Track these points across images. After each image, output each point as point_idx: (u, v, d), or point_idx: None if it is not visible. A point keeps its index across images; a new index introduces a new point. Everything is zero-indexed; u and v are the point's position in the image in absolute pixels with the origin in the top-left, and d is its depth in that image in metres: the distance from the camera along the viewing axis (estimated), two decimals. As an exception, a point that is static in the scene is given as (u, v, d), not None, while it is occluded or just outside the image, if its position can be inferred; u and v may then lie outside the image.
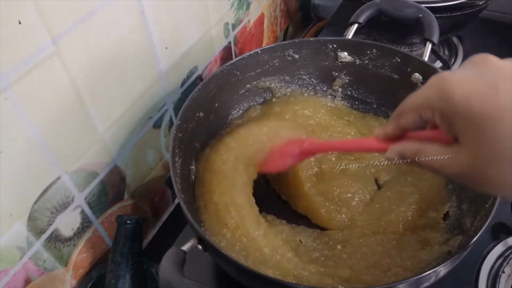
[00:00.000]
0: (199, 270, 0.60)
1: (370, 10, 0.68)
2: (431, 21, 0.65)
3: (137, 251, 0.54)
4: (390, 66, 0.64)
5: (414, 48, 0.83)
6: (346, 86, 0.69)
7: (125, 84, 0.54)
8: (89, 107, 0.49)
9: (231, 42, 0.76)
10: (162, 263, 0.41)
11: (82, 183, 0.52)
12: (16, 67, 0.39)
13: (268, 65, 0.65)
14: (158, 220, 0.71)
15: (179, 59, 0.62)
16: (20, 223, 0.45)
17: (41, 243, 0.49)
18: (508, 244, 0.59)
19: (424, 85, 0.34)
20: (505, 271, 0.56)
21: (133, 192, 0.63)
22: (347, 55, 0.65)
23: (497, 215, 0.44)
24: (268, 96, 0.69)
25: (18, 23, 0.38)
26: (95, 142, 0.52)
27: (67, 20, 0.42)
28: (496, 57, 0.32)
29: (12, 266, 0.46)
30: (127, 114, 0.56)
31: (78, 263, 0.56)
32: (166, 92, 0.62)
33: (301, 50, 0.65)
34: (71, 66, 0.45)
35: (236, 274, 0.45)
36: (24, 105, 0.41)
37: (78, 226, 0.54)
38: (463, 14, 0.74)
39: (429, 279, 0.43)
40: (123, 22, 0.49)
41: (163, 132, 0.65)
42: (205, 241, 0.44)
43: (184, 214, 0.47)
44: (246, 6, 0.76)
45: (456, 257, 0.43)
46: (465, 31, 0.83)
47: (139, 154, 0.61)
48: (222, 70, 0.61)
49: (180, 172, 0.53)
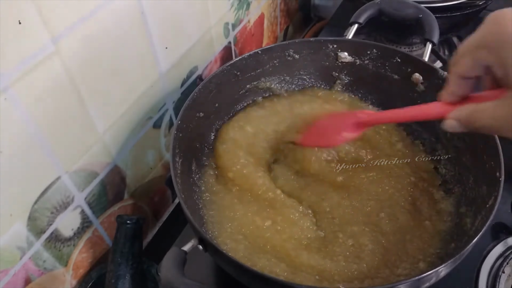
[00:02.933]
0: (199, 270, 0.60)
1: (370, 10, 0.68)
2: (431, 21, 0.65)
3: (137, 251, 0.54)
4: (390, 66, 0.64)
5: (414, 48, 0.83)
6: (346, 86, 0.69)
7: (125, 84, 0.54)
8: (89, 107, 0.49)
9: (231, 42, 0.76)
10: (163, 263, 0.41)
11: (82, 183, 0.52)
12: (16, 67, 0.39)
13: (268, 65, 0.65)
14: (158, 220, 0.71)
15: (179, 59, 0.62)
16: (20, 223, 0.45)
17: (41, 243, 0.49)
18: (508, 244, 0.59)
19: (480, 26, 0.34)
20: (505, 271, 0.56)
21: (133, 192, 0.63)
22: (347, 55, 0.65)
23: (497, 215, 0.44)
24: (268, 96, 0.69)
25: (18, 23, 0.38)
26: (95, 142, 0.52)
27: (67, 20, 0.42)
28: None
29: (12, 266, 0.46)
30: (127, 114, 0.56)
31: (78, 263, 0.56)
32: (166, 92, 0.62)
33: (301, 50, 0.65)
34: (71, 66, 0.45)
35: (236, 274, 0.45)
36: (24, 105, 0.41)
37: (78, 226, 0.54)
38: (463, 14, 0.74)
39: (430, 279, 0.43)
40: (123, 22, 0.49)
41: (163, 132, 0.65)
42: (206, 241, 0.44)
43: (185, 214, 0.47)
44: (246, 6, 0.76)
45: (456, 257, 0.43)
46: (465, 31, 0.83)
47: (139, 154, 0.61)
48: (222, 70, 0.61)
49: (180, 172, 0.53)
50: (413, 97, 0.63)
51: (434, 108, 0.40)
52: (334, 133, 0.53)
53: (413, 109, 0.46)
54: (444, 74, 0.58)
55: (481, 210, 0.48)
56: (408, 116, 0.49)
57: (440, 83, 0.58)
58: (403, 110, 0.47)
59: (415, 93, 0.63)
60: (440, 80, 0.58)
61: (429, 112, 0.42)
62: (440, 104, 0.40)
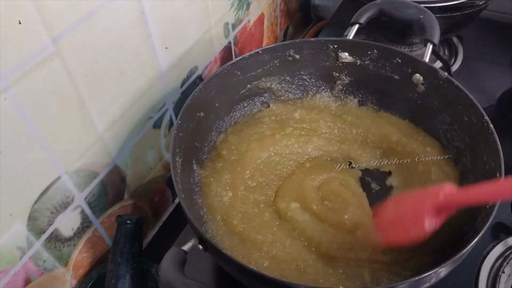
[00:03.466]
0: (199, 270, 0.60)
1: (371, 11, 0.68)
2: (432, 22, 0.65)
3: (137, 251, 0.54)
4: (390, 66, 0.64)
5: (414, 48, 0.83)
6: (347, 87, 0.69)
7: (125, 84, 0.54)
8: (89, 107, 0.49)
9: (231, 42, 0.75)
10: (162, 263, 0.41)
11: (82, 183, 0.52)
12: (16, 67, 0.39)
13: (268, 65, 0.65)
14: (158, 220, 0.71)
15: (179, 59, 0.62)
16: (20, 223, 0.45)
17: (41, 243, 0.49)
18: (508, 244, 0.59)
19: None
20: (505, 271, 0.56)
21: (133, 192, 0.63)
22: (347, 56, 0.65)
23: (497, 215, 0.44)
24: (268, 96, 0.69)
25: (18, 23, 0.38)
26: (95, 142, 0.52)
27: (67, 20, 0.42)
28: None
29: (12, 266, 0.46)
30: (127, 114, 0.56)
31: (78, 263, 0.56)
32: (166, 92, 0.62)
33: (301, 50, 0.65)
34: (71, 66, 0.45)
35: (236, 274, 0.45)
36: (24, 105, 0.41)
37: (78, 226, 0.54)
38: (463, 14, 0.74)
39: (430, 280, 0.43)
40: (123, 22, 0.49)
41: (163, 132, 0.65)
42: (206, 241, 0.44)
43: (185, 213, 0.47)
44: (246, 6, 0.76)
45: (456, 257, 0.43)
46: (465, 31, 0.83)
47: (139, 154, 0.61)
48: (222, 70, 0.61)
49: (180, 172, 0.53)
50: (414, 97, 0.63)
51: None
52: (414, 221, 0.42)
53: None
54: (444, 74, 0.58)
55: (481, 210, 0.48)
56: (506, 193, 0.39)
57: (441, 83, 0.58)
58: (499, 184, 0.39)
59: (415, 93, 0.63)
60: (440, 81, 0.58)
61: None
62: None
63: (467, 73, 0.85)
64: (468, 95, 0.55)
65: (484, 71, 0.86)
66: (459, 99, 0.56)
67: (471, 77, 0.85)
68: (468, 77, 0.85)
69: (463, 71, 0.85)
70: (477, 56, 0.88)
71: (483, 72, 0.86)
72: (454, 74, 0.83)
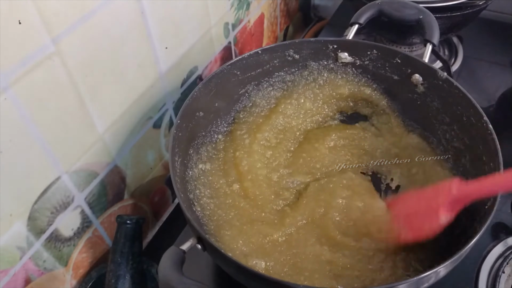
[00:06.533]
0: (198, 270, 0.60)
1: (370, 11, 0.68)
2: (432, 22, 0.65)
3: (137, 251, 0.54)
4: (390, 67, 0.64)
5: (414, 48, 0.83)
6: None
7: (125, 84, 0.54)
8: (89, 107, 0.49)
9: (231, 42, 0.76)
10: (161, 262, 0.41)
11: (82, 183, 0.52)
12: (16, 67, 0.39)
13: (268, 65, 0.65)
14: (158, 220, 0.71)
15: (179, 59, 0.62)
16: (20, 223, 0.45)
17: (41, 243, 0.49)
18: (508, 244, 0.59)
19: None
20: (505, 271, 0.56)
21: (133, 192, 0.63)
22: (347, 56, 0.65)
23: (497, 215, 0.44)
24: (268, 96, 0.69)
25: (18, 23, 0.38)
26: (95, 142, 0.52)
27: (67, 20, 0.42)
28: None
29: (12, 266, 0.46)
30: (127, 114, 0.56)
31: (78, 263, 0.56)
32: (166, 92, 0.62)
33: (301, 50, 0.65)
34: (71, 66, 0.45)
35: (235, 273, 0.45)
36: (24, 105, 0.41)
37: (78, 226, 0.54)
38: (463, 14, 0.74)
39: (429, 280, 0.43)
40: (123, 22, 0.49)
41: (163, 132, 0.65)
42: (205, 240, 0.44)
43: (184, 213, 0.47)
44: (246, 6, 0.76)
45: (455, 257, 0.43)
46: (465, 31, 0.83)
47: (139, 154, 0.61)
48: (222, 69, 0.61)
49: (180, 172, 0.53)
50: (413, 98, 0.63)
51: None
52: (428, 214, 0.44)
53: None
54: (443, 75, 0.58)
55: (480, 210, 0.48)
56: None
57: (440, 84, 0.58)
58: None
59: (415, 94, 0.63)
60: (440, 81, 0.58)
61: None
62: None
63: (467, 73, 0.85)
64: (467, 96, 0.55)
65: (484, 71, 0.86)
66: (458, 100, 0.56)
67: (471, 77, 0.85)
68: (468, 77, 0.85)
69: (463, 71, 0.85)
70: (477, 56, 0.88)
71: (483, 72, 0.86)
72: (454, 74, 0.83)
